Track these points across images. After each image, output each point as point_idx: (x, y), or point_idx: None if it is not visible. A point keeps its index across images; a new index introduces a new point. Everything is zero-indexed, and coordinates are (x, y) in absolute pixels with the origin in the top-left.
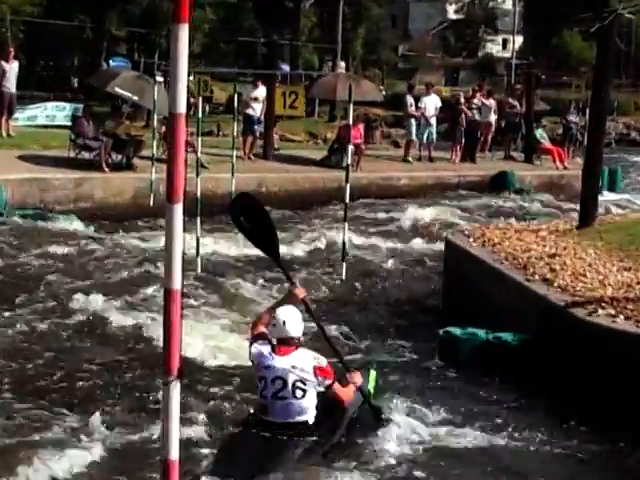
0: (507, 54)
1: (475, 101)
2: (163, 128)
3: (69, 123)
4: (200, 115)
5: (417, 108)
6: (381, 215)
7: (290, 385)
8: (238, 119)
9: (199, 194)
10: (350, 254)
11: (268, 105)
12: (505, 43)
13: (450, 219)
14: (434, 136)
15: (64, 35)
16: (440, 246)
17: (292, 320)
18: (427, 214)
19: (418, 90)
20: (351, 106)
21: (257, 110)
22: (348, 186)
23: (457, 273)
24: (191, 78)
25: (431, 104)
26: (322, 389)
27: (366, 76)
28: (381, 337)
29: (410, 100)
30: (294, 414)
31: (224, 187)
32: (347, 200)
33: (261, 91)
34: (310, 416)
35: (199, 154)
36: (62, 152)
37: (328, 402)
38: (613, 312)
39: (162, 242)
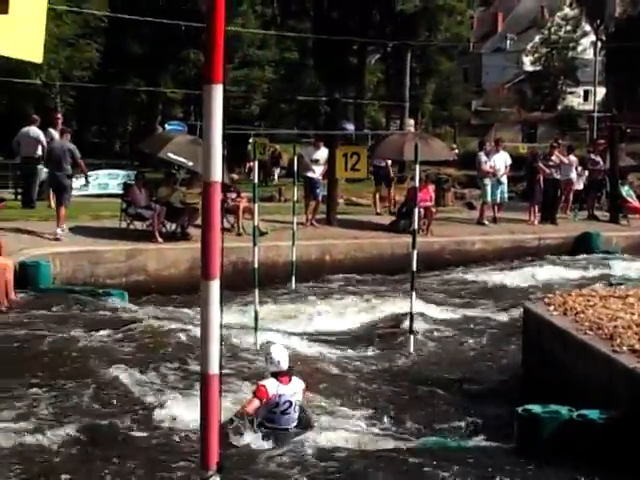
0: (589, 106)
1: (553, 158)
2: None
3: (122, 191)
4: (256, 180)
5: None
6: (453, 282)
7: (293, 405)
8: (299, 183)
9: (256, 264)
10: (419, 325)
11: (329, 167)
12: (586, 95)
13: (529, 286)
14: (505, 195)
15: (117, 100)
16: (518, 315)
17: (284, 357)
18: (503, 280)
19: (488, 147)
20: (417, 167)
21: (318, 173)
22: (415, 252)
23: (537, 345)
24: (250, 140)
25: (501, 162)
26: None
27: (437, 134)
28: (451, 417)
29: (483, 158)
30: (292, 422)
31: (285, 255)
32: (414, 268)
33: (322, 152)
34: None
35: (257, 221)
36: (114, 222)
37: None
38: None
39: None
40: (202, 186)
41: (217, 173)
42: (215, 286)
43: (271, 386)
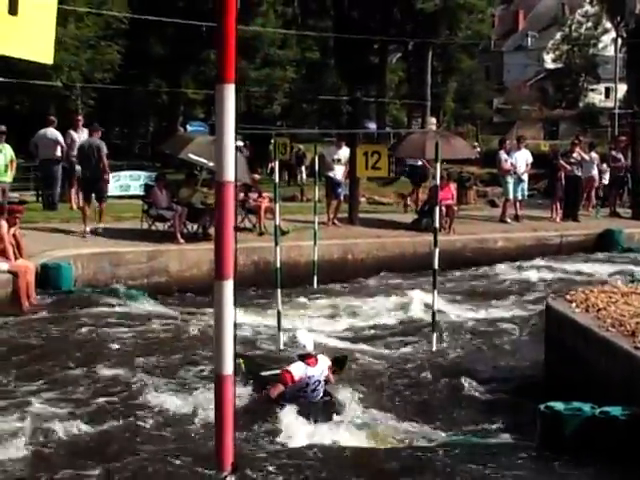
0: (610, 103)
1: (574, 155)
2: (241, 195)
3: (143, 193)
4: (277, 180)
5: (511, 164)
6: (475, 280)
7: (321, 383)
8: (320, 182)
9: (278, 264)
10: (442, 323)
11: (351, 166)
12: (608, 92)
13: (551, 282)
14: (525, 193)
15: (138, 101)
16: (540, 312)
17: (309, 340)
18: (526, 278)
19: (509, 145)
20: (438, 165)
21: (339, 172)
22: (437, 251)
23: (559, 341)
24: (272, 141)
25: (522, 159)
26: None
27: (459, 132)
28: (473, 413)
29: (504, 156)
30: (318, 396)
31: (307, 255)
32: (435, 266)
33: (344, 152)
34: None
35: (278, 221)
36: (135, 224)
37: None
38: None
39: (241, 318)
40: (215, 186)
41: (230, 172)
42: (229, 286)
43: (298, 369)
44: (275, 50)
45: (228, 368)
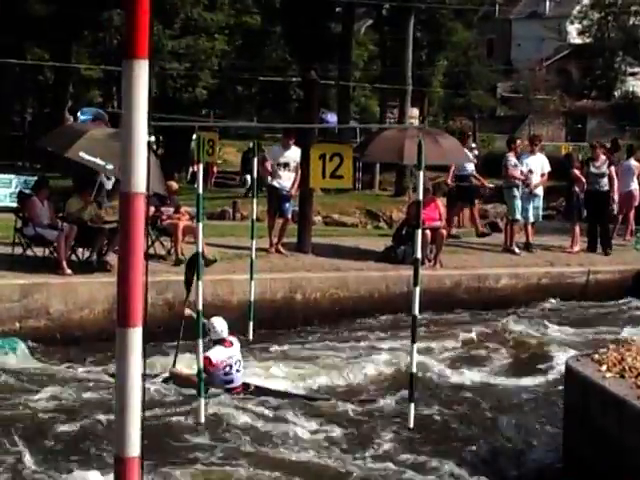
0: None
1: (597, 164)
2: (151, 209)
3: (15, 204)
4: (201, 190)
5: (521, 172)
6: (469, 332)
7: (241, 361)
8: (259, 194)
9: (200, 305)
10: (422, 391)
11: (303, 173)
12: None
13: (572, 337)
14: (540, 213)
15: (10, 78)
16: (558, 377)
17: (224, 326)
18: (538, 329)
19: (519, 147)
20: (421, 174)
21: (286, 181)
22: (417, 290)
23: (583, 418)
24: (194, 136)
25: (536, 167)
26: None
27: (450, 129)
28: None
29: (512, 161)
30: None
31: (240, 293)
32: (416, 311)
33: (293, 153)
34: None
35: (201, 247)
36: (4, 248)
37: None
38: None
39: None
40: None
41: (140, 179)
42: (136, 336)
43: (218, 353)
44: (200, 12)
45: (134, 449)
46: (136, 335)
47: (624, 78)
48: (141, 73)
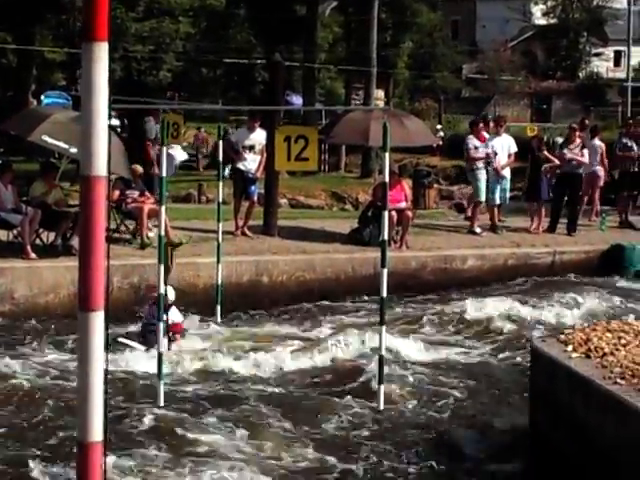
0: (621, 73)
1: (571, 147)
2: (116, 193)
3: None
4: (164, 173)
5: (486, 154)
6: (437, 312)
7: None
8: (225, 177)
9: (162, 289)
10: (391, 372)
11: (268, 156)
12: (618, 58)
13: (539, 317)
14: (507, 195)
15: None
16: (524, 358)
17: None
18: (504, 310)
19: (483, 129)
20: (387, 155)
21: (252, 164)
22: (385, 272)
23: (549, 398)
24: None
25: (502, 149)
26: None
27: (415, 110)
28: None
29: (474, 143)
30: None
31: (207, 277)
32: (384, 293)
33: (258, 135)
34: None
35: (163, 230)
36: None
37: None
38: None
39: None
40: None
41: (102, 163)
42: (98, 320)
43: (177, 315)
44: None
45: (96, 433)
46: (98, 319)
47: (588, 59)
48: (101, 56)
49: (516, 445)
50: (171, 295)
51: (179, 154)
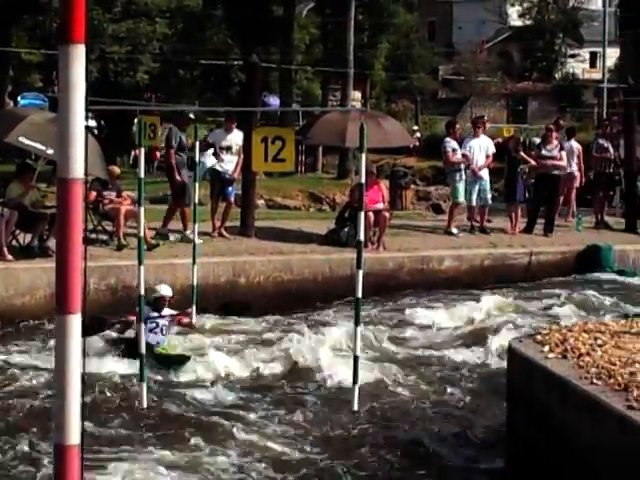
0: (596, 74)
1: (549, 148)
2: (93, 194)
3: None
4: (142, 174)
5: (463, 156)
6: (413, 315)
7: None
8: (203, 178)
9: (142, 289)
10: (366, 374)
11: (245, 157)
12: (594, 59)
13: (515, 318)
14: (488, 196)
15: None
16: (500, 358)
17: (166, 289)
18: (480, 311)
19: (460, 130)
20: (364, 156)
21: (229, 165)
22: (360, 274)
23: (526, 398)
24: (136, 120)
25: (480, 150)
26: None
27: (392, 111)
28: None
29: (452, 145)
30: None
31: (183, 278)
32: (359, 294)
33: (235, 137)
34: None
35: (142, 231)
36: None
37: None
38: None
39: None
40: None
41: (78, 164)
42: (75, 323)
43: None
44: None
45: (73, 436)
46: (75, 321)
47: (564, 60)
48: (78, 58)
49: (494, 445)
50: (168, 291)
51: (209, 160)
